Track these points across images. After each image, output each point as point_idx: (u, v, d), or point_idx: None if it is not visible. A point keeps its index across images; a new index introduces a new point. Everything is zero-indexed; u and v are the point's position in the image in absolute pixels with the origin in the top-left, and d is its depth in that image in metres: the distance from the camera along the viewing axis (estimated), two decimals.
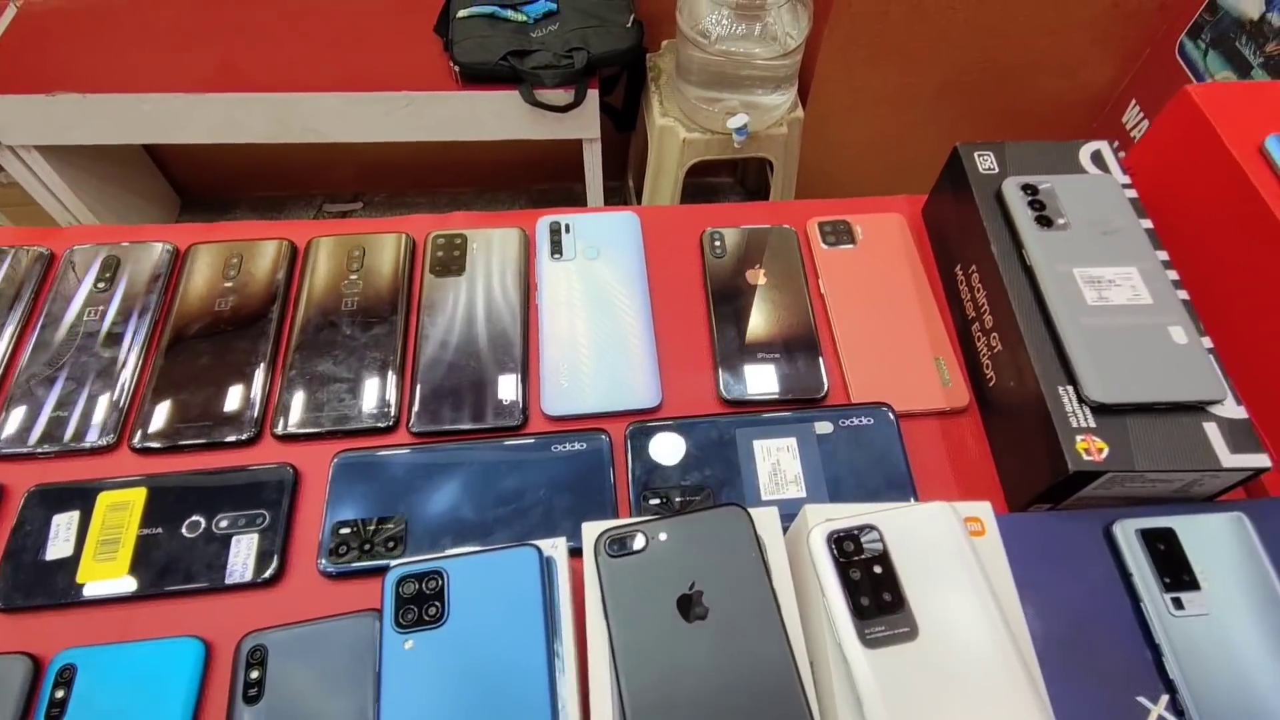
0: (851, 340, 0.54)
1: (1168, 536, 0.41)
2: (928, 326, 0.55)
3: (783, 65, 1.12)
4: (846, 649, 0.35)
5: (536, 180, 1.67)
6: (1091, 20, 1.34)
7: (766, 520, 0.39)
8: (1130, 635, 0.39)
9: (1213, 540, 0.41)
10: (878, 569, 0.37)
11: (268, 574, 0.44)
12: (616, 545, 0.38)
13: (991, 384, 0.50)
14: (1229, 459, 0.41)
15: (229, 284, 0.55)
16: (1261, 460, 0.41)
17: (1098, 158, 0.54)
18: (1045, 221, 0.49)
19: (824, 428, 0.49)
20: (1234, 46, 1.22)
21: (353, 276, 0.56)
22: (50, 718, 0.38)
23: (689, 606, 0.36)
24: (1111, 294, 0.46)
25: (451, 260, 0.58)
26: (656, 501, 0.47)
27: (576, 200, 1.43)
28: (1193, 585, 0.39)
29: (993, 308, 0.50)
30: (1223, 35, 1.24)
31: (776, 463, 0.48)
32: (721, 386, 0.52)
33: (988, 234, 0.50)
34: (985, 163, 0.54)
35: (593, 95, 1.15)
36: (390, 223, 0.61)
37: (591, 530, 0.39)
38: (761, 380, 0.52)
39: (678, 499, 0.47)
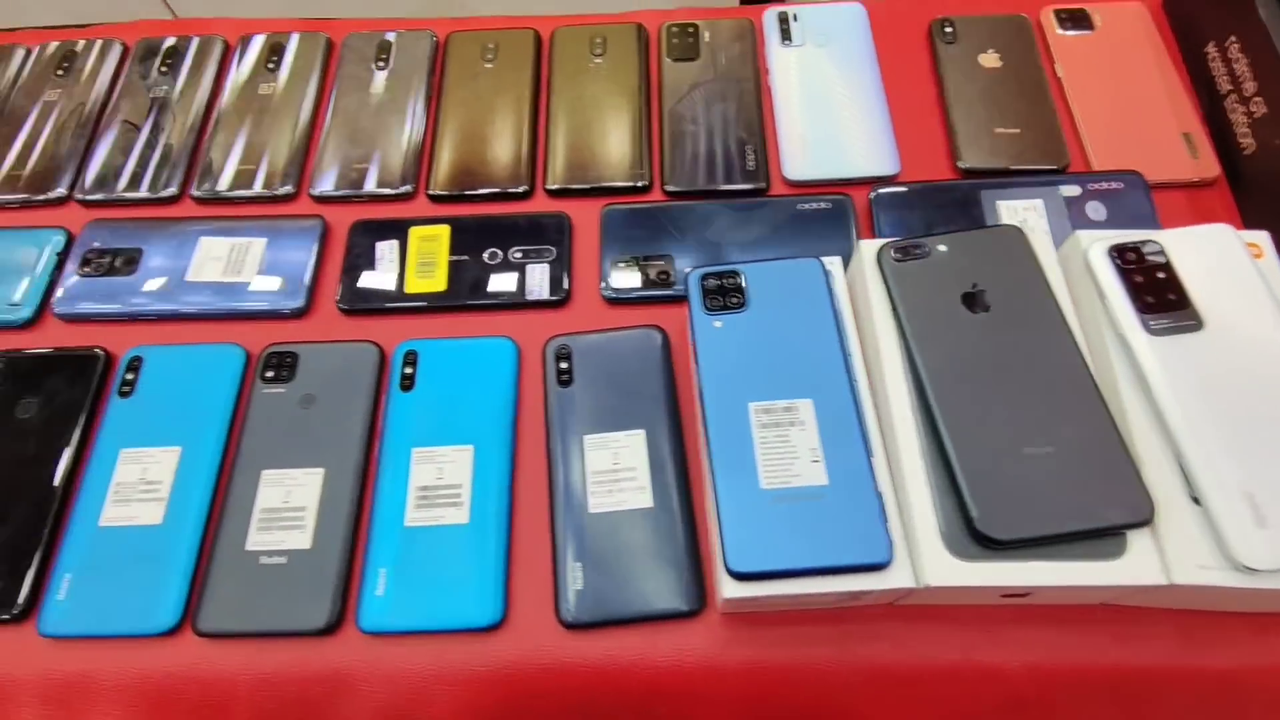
0: (1092, 117, 0.54)
1: None
2: (1173, 105, 0.54)
3: None
4: (1130, 337, 0.38)
5: None
6: None
7: (1042, 242, 0.42)
8: None
9: None
10: (1161, 275, 0.39)
11: (560, 295, 0.50)
12: (900, 253, 0.41)
13: (1249, 153, 0.50)
14: None
15: (488, 65, 0.60)
16: None
17: None
18: None
19: (1071, 190, 0.51)
20: None
21: (597, 61, 0.60)
22: (403, 388, 0.46)
23: (973, 301, 0.40)
24: None
25: (687, 47, 0.61)
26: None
27: None
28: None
29: (1257, 73, 0.49)
30: None
31: (1023, 222, 0.50)
32: (959, 157, 0.54)
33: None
34: None
35: None
36: (624, 16, 0.64)
37: (870, 246, 0.43)
38: (999, 151, 0.54)
39: None
